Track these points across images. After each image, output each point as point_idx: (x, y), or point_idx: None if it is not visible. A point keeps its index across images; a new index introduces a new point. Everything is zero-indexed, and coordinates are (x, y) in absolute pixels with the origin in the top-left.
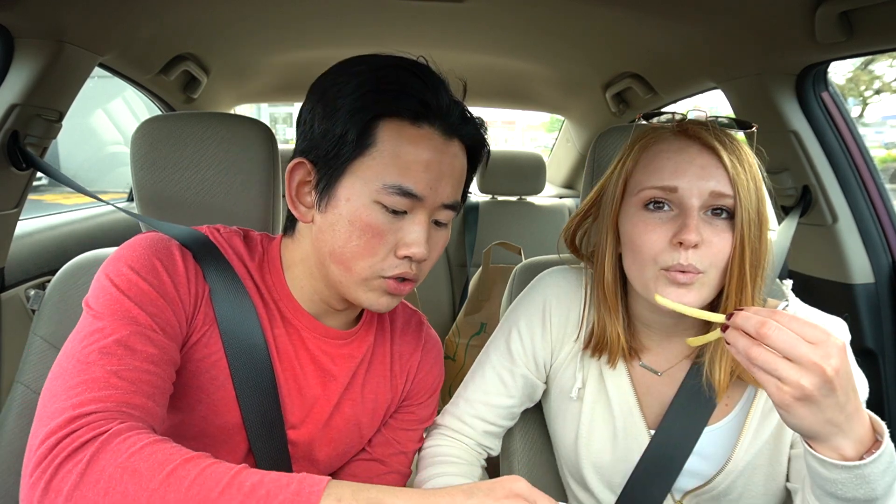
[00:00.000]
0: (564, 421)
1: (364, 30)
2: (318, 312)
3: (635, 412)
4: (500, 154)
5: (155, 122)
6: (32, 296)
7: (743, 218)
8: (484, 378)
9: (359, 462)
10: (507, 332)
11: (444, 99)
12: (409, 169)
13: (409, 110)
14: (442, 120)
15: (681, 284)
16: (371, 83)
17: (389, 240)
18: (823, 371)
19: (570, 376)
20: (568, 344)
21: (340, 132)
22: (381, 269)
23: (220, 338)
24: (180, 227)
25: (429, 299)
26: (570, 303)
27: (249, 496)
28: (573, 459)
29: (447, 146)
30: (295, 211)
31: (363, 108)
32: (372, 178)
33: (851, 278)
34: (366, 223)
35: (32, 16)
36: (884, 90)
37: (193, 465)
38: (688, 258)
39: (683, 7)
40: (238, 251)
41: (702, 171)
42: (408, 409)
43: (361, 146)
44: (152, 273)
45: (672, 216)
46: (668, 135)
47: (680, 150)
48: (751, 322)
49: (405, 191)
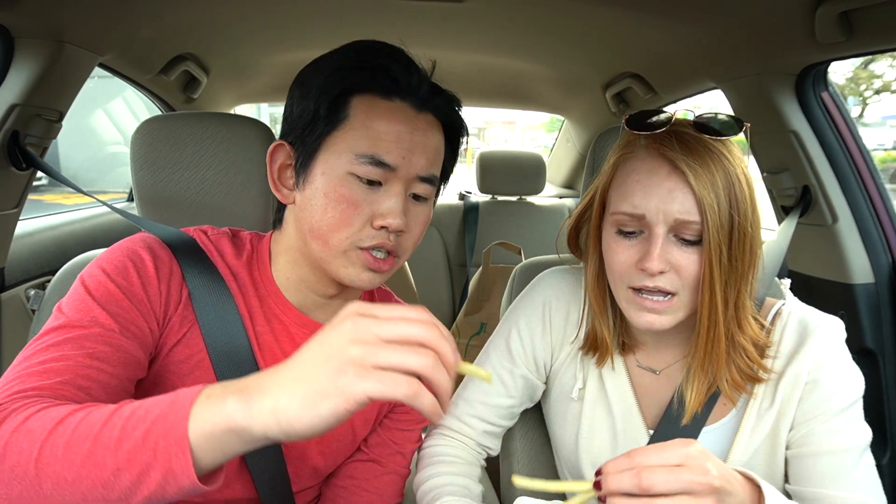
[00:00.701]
0: (564, 421)
1: (364, 30)
2: (306, 305)
3: (634, 412)
4: (500, 154)
5: (155, 123)
6: (32, 296)
7: (711, 241)
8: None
9: (356, 463)
10: (506, 333)
11: (415, 77)
12: (380, 140)
13: (380, 85)
14: (412, 95)
15: (651, 310)
16: (343, 61)
17: (365, 210)
18: (712, 485)
19: (571, 377)
20: (568, 345)
21: (314, 109)
22: (358, 239)
23: (203, 339)
24: (168, 228)
25: (429, 299)
26: (571, 303)
27: (130, 418)
28: (573, 460)
29: (418, 119)
30: (278, 193)
31: (334, 84)
32: (345, 150)
33: (851, 278)
34: (340, 194)
35: (32, 16)
36: (884, 90)
37: (81, 411)
38: (654, 282)
39: (683, 7)
40: (224, 251)
41: (669, 195)
42: (403, 409)
43: (334, 121)
44: (122, 274)
45: (642, 239)
46: (642, 151)
47: (650, 171)
48: (626, 482)
49: (377, 160)
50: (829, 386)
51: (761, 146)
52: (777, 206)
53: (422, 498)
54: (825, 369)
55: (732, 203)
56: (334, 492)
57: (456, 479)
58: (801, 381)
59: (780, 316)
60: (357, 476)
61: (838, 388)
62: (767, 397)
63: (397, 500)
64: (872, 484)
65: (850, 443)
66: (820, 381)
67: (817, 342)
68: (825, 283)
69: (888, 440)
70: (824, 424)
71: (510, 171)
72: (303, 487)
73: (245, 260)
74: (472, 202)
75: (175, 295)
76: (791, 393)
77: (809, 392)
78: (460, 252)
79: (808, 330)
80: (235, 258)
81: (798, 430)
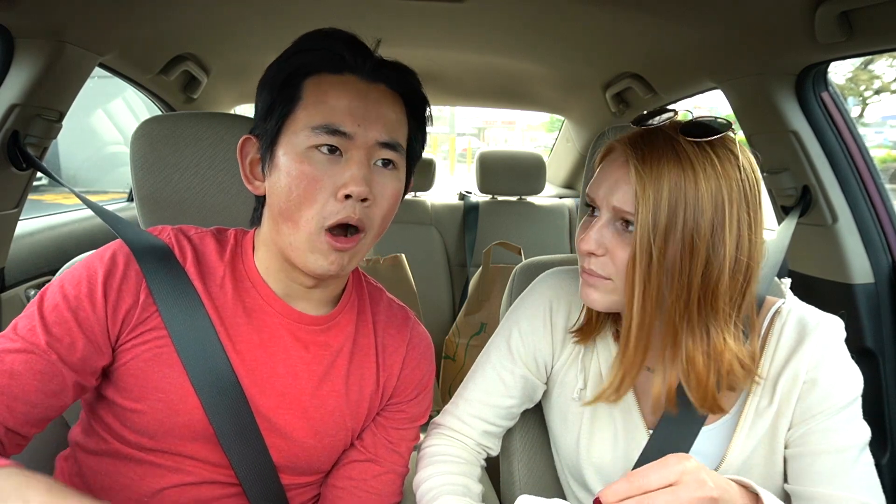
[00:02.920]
0: (565, 422)
1: (364, 30)
2: (289, 294)
3: (634, 412)
4: (500, 154)
5: (154, 123)
6: (32, 296)
7: (640, 235)
8: (484, 378)
9: (353, 463)
10: (507, 333)
11: (362, 52)
12: (333, 110)
13: (328, 63)
14: (360, 68)
15: (588, 284)
16: (293, 48)
17: (327, 184)
18: (711, 497)
19: (573, 378)
20: (569, 345)
21: (270, 98)
22: (324, 216)
23: (171, 340)
24: (141, 233)
25: (429, 299)
26: (572, 304)
27: None
28: (574, 461)
29: (370, 89)
30: (249, 185)
31: (285, 69)
32: (301, 128)
33: (851, 278)
34: (301, 171)
35: (32, 16)
36: (884, 90)
37: None
38: (589, 263)
39: (683, 7)
40: (206, 249)
41: (615, 184)
42: (396, 406)
43: (289, 103)
44: (76, 288)
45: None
46: (618, 145)
47: (610, 161)
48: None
49: (331, 129)
50: (827, 385)
51: (761, 146)
52: (777, 206)
53: (421, 497)
54: (823, 368)
55: (679, 207)
56: (333, 493)
57: (456, 479)
58: (800, 379)
59: (779, 314)
60: (355, 476)
61: (837, 386)
62: (766, 396)
63: (396, 499)
64: (871, 483)
65: (849, 441)
66: (818, 381)
67: (816, 341)
68: (825, 283)
69: (888, 440)
70: (823, 423)
71: (510, 171)
72: (295, 483)
73: (229, 254)
74: (472, 202)
75: (128, 300)
76: (789, 391)
77: (808, 391)
78: (460, 252)
79: (807, 329)
80: (217, 254)
81: (797, 429)
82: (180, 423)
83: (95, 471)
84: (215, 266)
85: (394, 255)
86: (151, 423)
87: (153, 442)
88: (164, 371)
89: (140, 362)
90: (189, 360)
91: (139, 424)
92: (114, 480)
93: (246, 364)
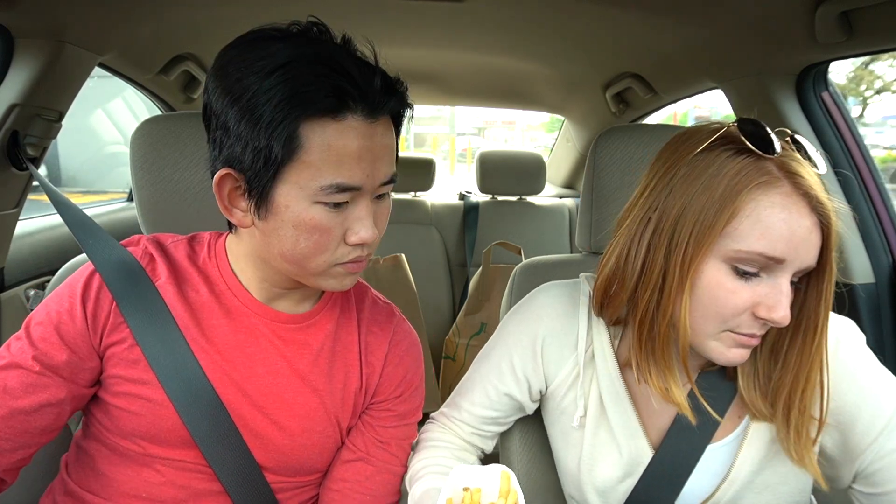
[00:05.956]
0: (567, 445)
1: (364, 30)
2: (269, 296)
3: (638, 434)
4: (500, 154)
5: (154, 123)
6: (32, 296)
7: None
8: (472, 388)
9: (347, 464)
10: (500, 350)
11: (361, 79)
12: (342, 164)
13: (327, 106)
14: (363, 102)
15: (745, 346)
16: (283, 89)
17: (337, 232)
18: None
19: (571, 402)
20: (565, 368)
21: (264, 145)
22: (335, 259)
23: (143, 354)
24: (112, 248)
25: (429, 299)
26: (567, 326)
27: None
28: (576, 482)
29: (374, 128)
30: (232, 218)
31: (282, 120)
32: (307, 182)
33: (851, 278)
34: (310, 225)
35: (32, 16)
36: (884, 90)
37: None
38: (762, 328)
39: (683, 7)
40: (179, 257)
41: (809, 236)
42: (381, 405)
43: (288, 152)
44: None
45: (758, 282)
46: (783, 183)
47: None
48: None
49: (343, 187)
50: (870, 407)
51: None
52: None
53: (409, 480)
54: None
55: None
56: (328, 495)
57: (444, 461)
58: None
59: None
60: (349, 478)
61: (880, 401)
62: None
63: (393, 499)
64: None
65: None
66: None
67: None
68: None
69: None
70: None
71: (510, 171)
72: (287, 483)
73: (202, 259)
74: (472, 202)
75: (102, 318)
76: None
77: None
78: (460, 252)
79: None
80: (191, 260)
81: (863, 458)
82: (166, 429)
83: (96, 470)
84: (190, 272)
85: (394, 255)
86: (141, 426)
87: (147, 443)
88: (144, 382)
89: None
90: (162, 373)
91: (131, 426)
92: (112, 480)
93: (224, 366)
